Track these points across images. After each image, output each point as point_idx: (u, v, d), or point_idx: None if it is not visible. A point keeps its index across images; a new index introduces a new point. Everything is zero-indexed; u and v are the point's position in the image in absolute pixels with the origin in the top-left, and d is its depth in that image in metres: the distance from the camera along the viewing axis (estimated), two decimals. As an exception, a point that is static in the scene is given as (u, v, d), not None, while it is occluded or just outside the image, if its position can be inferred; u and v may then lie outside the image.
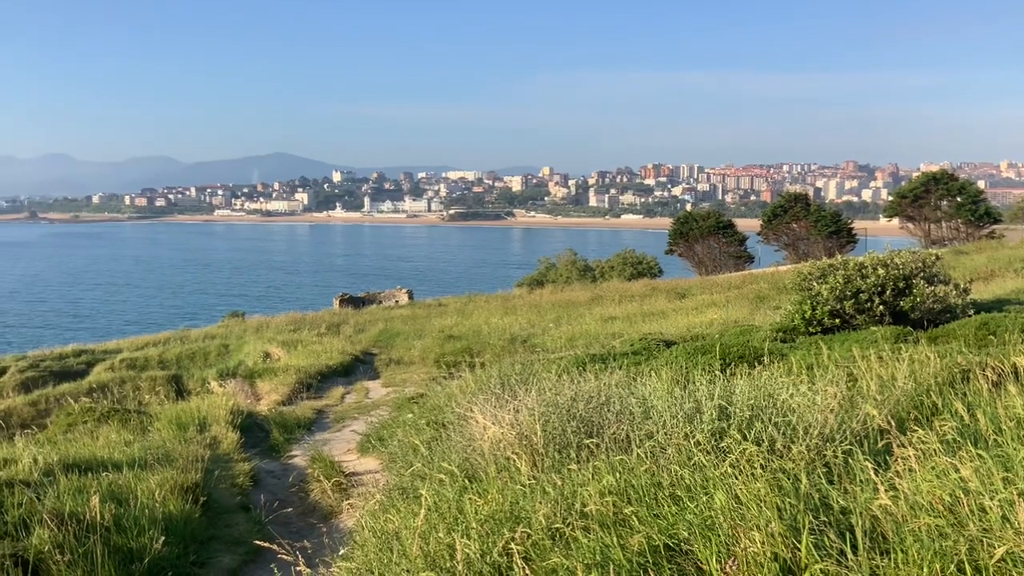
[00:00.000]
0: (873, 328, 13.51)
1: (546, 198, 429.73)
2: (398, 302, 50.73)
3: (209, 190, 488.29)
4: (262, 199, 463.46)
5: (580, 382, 8.17)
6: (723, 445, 5.64)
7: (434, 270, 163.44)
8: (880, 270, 14.89)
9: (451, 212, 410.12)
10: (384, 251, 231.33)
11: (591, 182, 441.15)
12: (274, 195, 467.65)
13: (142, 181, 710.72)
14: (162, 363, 30.45)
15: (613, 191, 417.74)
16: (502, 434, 7.03)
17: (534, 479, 6.08)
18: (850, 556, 4.03)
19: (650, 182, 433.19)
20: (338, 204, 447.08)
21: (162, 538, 7.44)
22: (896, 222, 64.02)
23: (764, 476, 4.85)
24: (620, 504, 5.15)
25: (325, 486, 10.85)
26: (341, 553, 6.54)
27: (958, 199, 58.22)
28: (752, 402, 6.38)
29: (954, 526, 4.14)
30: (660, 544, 4.54)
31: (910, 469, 4.84)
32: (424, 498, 5.98)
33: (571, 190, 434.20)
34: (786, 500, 4.54)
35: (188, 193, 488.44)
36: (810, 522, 4.27)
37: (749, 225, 74.39)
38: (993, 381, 7.32)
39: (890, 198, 70.75)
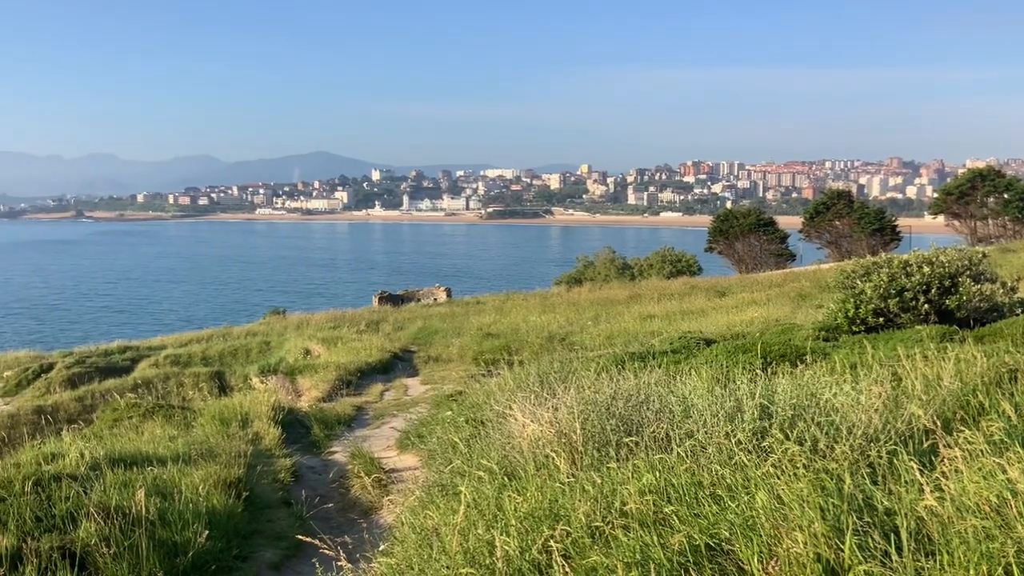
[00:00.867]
0: (918, 327, 13.30)
1: (584, 196, 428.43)
2: (436, 300, 50.92)
3: (251, 189, 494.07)
4: (302, 198, 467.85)
5: (619, 380, 8.14)
6: (765, 445, 5.59)
7: (472, 268, 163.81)
8: (925, 268, 14.66)
9: (489, 210, 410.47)
10: (422, 249, 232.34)
11: (630, 180, 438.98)
12: (314, 194, 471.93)
13: (185, 180, 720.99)
14: (205, 359, 30.88)
15: (652, 189, 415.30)
16: (541, 432, 7.03)
17: (573, 477, 6.07)
18: (894, 557, 3.98)
19: (689, 179, 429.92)
20: (377, 203, 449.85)
21: (205, 532, 7.53)
22: (941, 219, 63.00)
23: (807, 476, 4.80)
24: (660, 503, 5.12)
25: (365, 482, 10.94)
26: (381, 548, 6.58)
27: (1005, 196, 57.14)
28: (794, 401, 6.31)
29: (1001, 528, 4.06)
30: (701, 544, 4.51)
31: (956, 470, 4.75)
32: (463, 495, 5.99)
33: (609, 188, 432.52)
34: (829, 500, 4.49)
35: (230, 192, 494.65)
36: (854, 523, 4.21)
37: (790, 222, 73.53)
38: (1042, 381, 7.17)
39: (935, 195, 69.66)
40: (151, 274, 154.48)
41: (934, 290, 14.41)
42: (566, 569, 4.69)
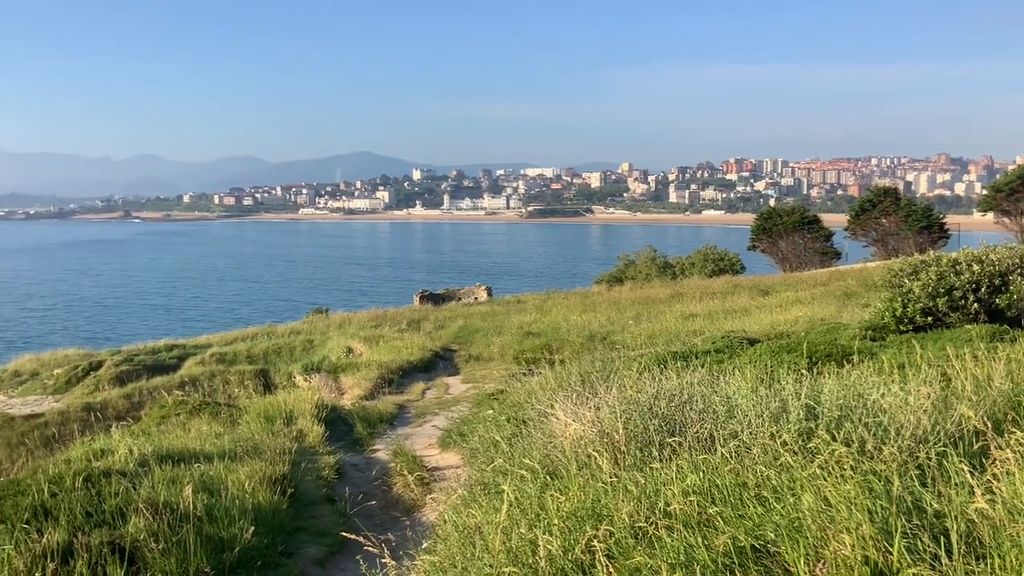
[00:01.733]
0: (967, 326, 13.05)
1: (625, 194, 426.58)
2: (477, 299, 51.03)
3: (294, 189, 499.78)
4: (344, 197, 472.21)
5: (661, 380, 8.10)
6: (811, 446, 5.52)
7: (512, 266, 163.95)
8: (975, 266, 14.37)
9: (529, 209, 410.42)
10: (463, 248, 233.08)
11: (671, 178, 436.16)
12: (356, 193, 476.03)
13: (229, 180, 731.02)
14: (250, 358, 31.24)
15: (693, 187, 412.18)
16: (583, 431, 7.02)
17: (616, 477, 6.05)
18: (944, 560, 3.91)
19: (732, 177, 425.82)
20: (418, 202, 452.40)
21: (251, 528, 7.64)
22: (991, 217, 61.60)
23: (854, 478, 4.74)
24: (704, 504, 5.09)
25: (408, 480, 11.00)
26: (424, 546, 6.62)
27: (1057, 192, 55.75)
28: (841, 402, 6.23)
29: (1056, 532, 3.98)
30: (746, 545, 4.48)
31: (1008, 472, 4.66)
32: (506, 494, 6.00)
33: (650, 186, 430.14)
34: (877, 502, 4.42)
35: (274, 192, 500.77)
36: (902, 525, 4.15)
37: (835, 220, 72.52)
38: (1098, 382, 7.00)
39: (984, 192, 68.19)
40: (197, 273, 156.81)
41: (984, 289, 14.13)
42: (610, 569, 4.68)
